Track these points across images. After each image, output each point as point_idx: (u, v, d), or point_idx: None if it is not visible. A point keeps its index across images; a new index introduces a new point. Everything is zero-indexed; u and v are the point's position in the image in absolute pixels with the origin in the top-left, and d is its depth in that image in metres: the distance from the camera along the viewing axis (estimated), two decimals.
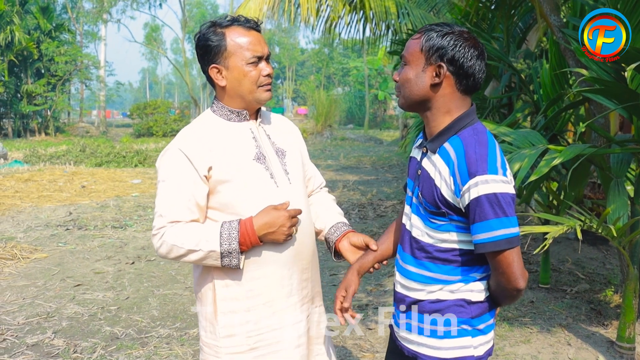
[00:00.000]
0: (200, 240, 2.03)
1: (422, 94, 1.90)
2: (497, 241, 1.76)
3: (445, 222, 1.88)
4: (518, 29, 7.47)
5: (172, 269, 6.48)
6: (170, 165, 2.10)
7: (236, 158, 2.12)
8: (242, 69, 2.11)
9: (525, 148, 3.93)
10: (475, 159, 1.77)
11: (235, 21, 2.14)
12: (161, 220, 2.07)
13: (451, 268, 1.91)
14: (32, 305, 5.28)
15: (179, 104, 42.15)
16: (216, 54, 2.12)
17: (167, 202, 2.08)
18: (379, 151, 24.49)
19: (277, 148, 2.25)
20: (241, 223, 2.06)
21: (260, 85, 2.14)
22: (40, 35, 33.45)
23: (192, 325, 4.81)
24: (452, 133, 1.88)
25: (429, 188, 1.89)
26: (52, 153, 19.78)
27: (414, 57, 1.90)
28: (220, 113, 2.21)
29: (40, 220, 9.27)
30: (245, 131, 2.20)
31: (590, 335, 4.49)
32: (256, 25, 2.16)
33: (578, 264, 6.45)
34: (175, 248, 2.03)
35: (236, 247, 2.03)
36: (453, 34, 1.85)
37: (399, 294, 2.05)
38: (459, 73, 1.85)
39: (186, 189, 2.07)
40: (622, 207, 3.66)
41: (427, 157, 1.95)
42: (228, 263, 2.05)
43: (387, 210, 10.21)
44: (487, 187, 1.74)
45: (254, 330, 2.13)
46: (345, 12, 9.18)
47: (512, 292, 1.85)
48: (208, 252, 2.03)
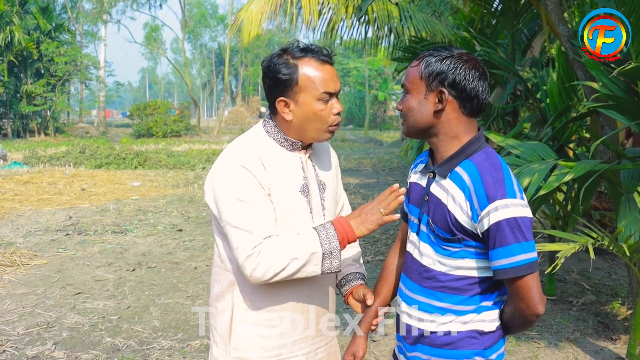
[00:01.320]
0: (299, 246, 1.92)
1: (427, 122, 1.86)
2: (519, 267, 1.72)
3: (459, 249, 1.83)
4: (523, 35, 7.41)
5: (173, 277, 6.42)
6: (240, 182, 1.97)
7: (284, 187, 2.04)
8: (312, 107, 1.99)
9: (534, 162, 3.87)
10: (493, 183, 1.74)
11: (308, 52, 2.01)
12: (254, 238, 1.92)
13: (463, 298, 1.85)
14: (32, 315, 5.22)
15: (178, 104, 42.13)
16: (286, 87, 1.99)
17: (253, 218, 1.94)
18: (380, 153, 24.46)
19: (320, 181, 2.17)
20: (334, 222, 1.98)
21: (330, 125, 2.04)
22: (40, 36, 33.35)
23: (194, 337, 4.75)
24: (463, 157, 1.84)
25: (442, 214, 1.84)
26: (51, 154, 19.73)
27: (414, 85, 1.86)
28: (274, 137, 2.09)
29: (40, 224, 9.21)
30: (296, 161, 2.10)
31: (598, 350, 4.43)
32: (330, 58, 2.04)
33: (584, 274, 6.39)
34: (276, 262, 1.90)
35: (337, 245, 1.93)
36: (452, 57, 1.81)
37: (406, 325, 1.98)
38: (462, 96, 1.81)
39: (265, 204, 1.97)
40: (633, 223, 3.60)
41: (436, 182, 1.89)
42: (329, 266, 1.94)
43: None
44: (507, 211, 1.70)
45: (265, 358, 2.07)
46: (348, 15, 9.13)
47: (531, 318, 1.80)
48: (310, 255, 1.91)
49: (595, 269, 6.58)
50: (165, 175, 15.98)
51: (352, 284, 2.26)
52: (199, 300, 5.63)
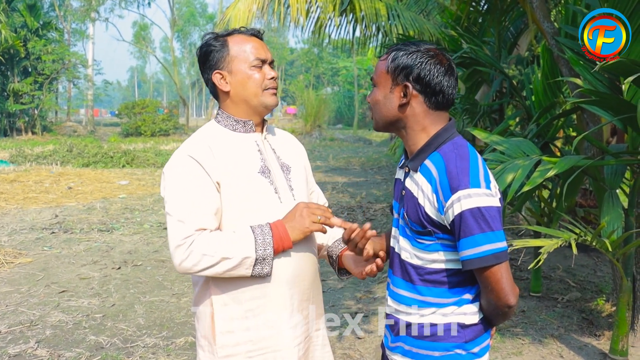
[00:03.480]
0: (234, 247, 1.93)
1: (392, 115, 1.87)
2: (484, 257, 1.71)
3: (432, 242, 1.82)
4: (509, 33, 7.43)
5: (158, 275, 6.39)
6: (184, 171, 2.00)
7: (241, 170, 2.05)
8: (246, 72, 2.07)
9: (518, 158, 3.87)
10: (456, 173, 1.73)
11: (236, 30, 2.12)
12: (185, 228, 1.93)
13: (443, 290, 1.85)
14: (15, 313, 5.17)
15: (167, 103, 41.92)
16: (219, 60, 2.08)
17: (188, 208, 1.96)
18: (368, 152, 24.50)
19: (282, 163, 2.19)
20: (272, 226, 1.99)
21: (266, 89, 2.10)
22: (27, 34, 33.13)
23: (179, 334, 4.72)
24: (432, 149, 1.84)
25: (413, 207, 1.84)
26: (38, 153, 19.60)
27: (381, 78, 1.88)
28: (225, 123, 2.14)
29: (26, 223, 9.15)
30: (251, 143, 2.13)
31: (582, 346, 4.45)
32: (258, 33, 2.14)
33: (569, 271, 6.41)
34: (205, 258, 1.91)
35: (271, 252, 1.96)
36: (419, 52, 1.81)
37: (391, 317, 1.99)
38: (427, 91, 1.81)
39: (206, 194, 1.98)
40: (616, 219, 3.61)
41: (409, 177, 1.90)
42: (259, 271, 1.96)
43: (376, 213, 10.17)
44: (470, 201, 1.70)
45: (253, 350, 2.05)
46: (335, 14, 9.12)
47: (503, 309, 1.79)
48: (242, 259, 1.93)
49: (580, 266, 6.61)
50: (153, 174, 15.93)
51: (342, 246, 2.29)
52: (184, 298, 5.61)
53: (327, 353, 2.28)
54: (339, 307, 5.04)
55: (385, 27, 9.41)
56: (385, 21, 9.26)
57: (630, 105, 3.48)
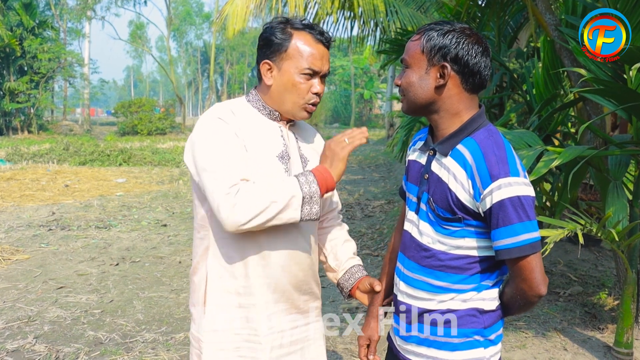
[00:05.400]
0: (279, 189, 1.87)
1: (428, 97, 1.80)
2: (522, 246, 1.67)
3: (460, 228, 1.78)
4: (509, 27, 7.40)
5: (157, 271, 6.35)
6: (215, 130, 1.95)
7: (262, 150, 2.01)
8: (293, 78, 2.00)
9: (521, 149, 3.84)
10: (496, 161, 1.69)
11: (308, 27, 2.02)
12: (229, 178, 1.86)
13: (464, 277, 1.81)
14: (13, 309, 5.12)
15: (164, 102, 41.73)
16: (274, 51, 2.01)
17: (229, 161, 1.90)
18: (365, 150, 24.47)
19: (302, 154, 2.15)
20: (313, 170, 1.95)
21: (306, 102, 2.04)
22: (23, 32, 33.03)
23: (178, 330, 4.68)
24: (464, 135, 1.79)
25: (442, 192, 1.79)
26: (35, 151, 19.55)
27: (415, 59, 1.81)
28: (254, 104, 2.10)
29: (22, 220, 9.09)
30: (275, 129, 2.09)
31: (586, 339, 4.42)
32: (327, 41, 2.05)
33: (570, 265, 6.39)
34: (255, 202, 1.82)
35: (316, 189, 1.89)
36: (454, 31, 1.76)
37: (404, 304, 1.94)
38: (464, 72, 1.76)
39: (239, 151, 1.94)
40: (621, 210, 3.58)
41: (436, 160, 1.84)
42: (308, 212, 1.90)
43: (374, 210, 10.13)
44: (511, 189, 1.66)
45: (241, 328, 2.03)
46: (334, 10, 9.09)
47: (532, 299, 1.76)
48: (290, 199, 1.86)
49: (581, 260, 6.58)
50: (150, 172, 15.89)
51: (357, 276, 2.26)
52: (183, 294, 5.57)
53: (320, 347, 2.24)
54: (339, 303, 5.01)
55: (383, 23, 9.39)
56: (383, 17, 9.25)
57: (636, 94, 3.45)
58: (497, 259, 1.75)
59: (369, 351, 2.14)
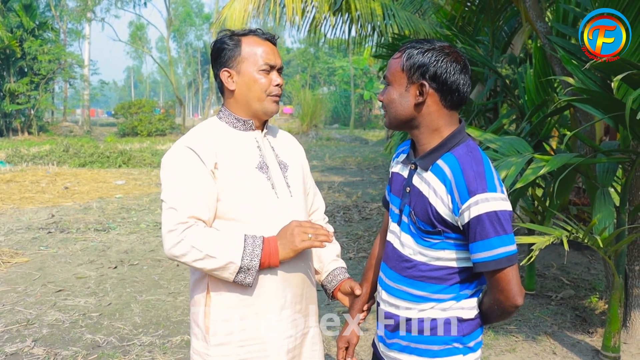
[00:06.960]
0: (222, 248, 1.95)
1: (408, 114, 1.86)
2: (499, 259, 1.74)
3: (440, 240, 1.84)
4: (503, 33, 7.47)
5: (155, 274, 6.41)
6: (181, 161, 2.05)
7: (239, 164, 2.09)
8: (253, 75, 2.11)
9: (511, 156, 3.91)
10: (474, 177, 1.74)
11: (251, 32, 2.16)
12: (178, 215, 1.96)
13: (443, 287, 1.87)
14: (12, 312, 5.19)
15: (164, 103, 41.86)
16: (230, 58, 2.13)
17: (183, 196, 1.99)
18: (365, 151, 24.51)
19: (280, 161, 2.23)
20: (265, 241, 2.01)
21: (270, 95, 2.14)
22: (23, 34, 33.05)
23: (175, 333, 4.75)
24: (444, 150, 1.84)
25: (422, 206, 1.85)
26: (35, 153, 19.58)
27: (395, 77, 1.87)
28: (226, 120, 2.19)
29: (22, 222, 9.15)
30: (250, 140, 2.17)
31: (575, 343, 4.48)
32: (272, 38, 2.18)
33: (563, 269, 6.45)
34: (194, 251, 1.93)
35: (256, 264, 1.98)
36: (434, 49, 1.81)
37: (386, 313, 2.01)
38: (443, 89, 1.81)
39: (202, 184, 2.02)
40: (608, 216, 3.64)
41: (417, 174, 1.90)
42: (242, 279, 1.99)
43: (372, 212, 10.19)
44: (488, 205, 1.72)
45: (245, 340, 2.08)
46: (331, 13, 9.13)
47: (509, 309, 1.83)
48: (227, 263, 1.95)
49: (574, 264, 6.64)
50: (149, 174, 15.92)
51: (339, 278, 2.34)
52: (180, 297, 5.63)
53: (317, 352, 2.30)
54: (335, 306, 5.08)
55: (380, 27, 9.43)
56: (380, 21, 9.27)
57: (621, 104, 3.51)
58: (475, 271, 1.82)
59: (347, 353, 2.21)
